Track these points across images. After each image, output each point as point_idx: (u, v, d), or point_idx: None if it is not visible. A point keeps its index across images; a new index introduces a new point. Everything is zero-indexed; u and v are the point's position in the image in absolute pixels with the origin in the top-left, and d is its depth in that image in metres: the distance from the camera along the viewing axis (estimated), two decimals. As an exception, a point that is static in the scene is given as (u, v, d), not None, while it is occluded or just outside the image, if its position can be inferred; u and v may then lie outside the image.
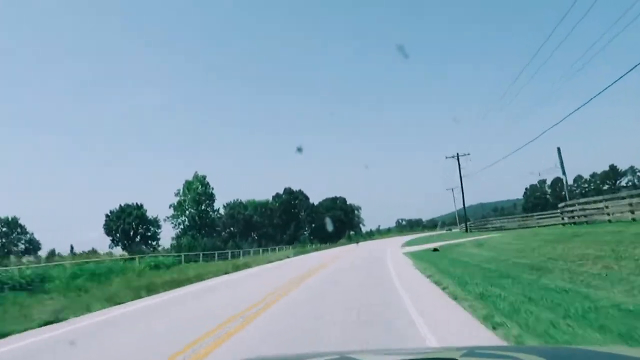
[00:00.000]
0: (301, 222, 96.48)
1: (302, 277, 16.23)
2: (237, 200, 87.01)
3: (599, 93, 20.99)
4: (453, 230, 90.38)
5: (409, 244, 40.09)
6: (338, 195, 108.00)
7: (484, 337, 5.37)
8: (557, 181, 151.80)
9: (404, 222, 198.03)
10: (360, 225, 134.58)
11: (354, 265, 21.49)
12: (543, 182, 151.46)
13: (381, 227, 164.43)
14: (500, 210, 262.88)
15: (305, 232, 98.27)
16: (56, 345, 7.74)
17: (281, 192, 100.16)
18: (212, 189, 74.21)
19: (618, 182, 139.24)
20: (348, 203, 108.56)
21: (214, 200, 74.88)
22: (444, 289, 9.81)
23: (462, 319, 6.58)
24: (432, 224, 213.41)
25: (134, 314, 10.85)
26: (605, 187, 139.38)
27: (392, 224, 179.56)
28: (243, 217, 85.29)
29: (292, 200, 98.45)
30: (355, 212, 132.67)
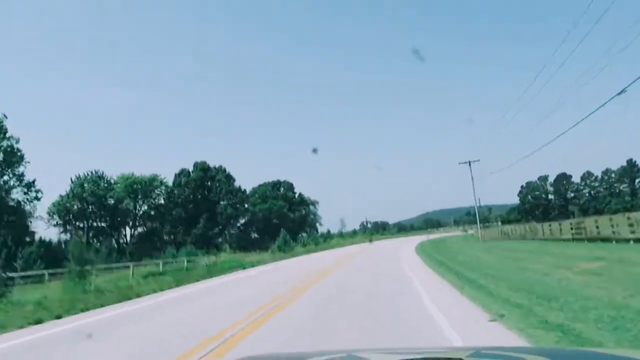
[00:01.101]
0: (218, 216, 60.48)
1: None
2: (97, 173, 49.47)
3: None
4: (469, 233, 58.60)
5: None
6: (282, 179, 72.71)
7: None
8: (561, 178, 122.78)
9: (369, 225, 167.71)
10: (317, 224, 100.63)
11: None
12: (544, 178, 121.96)
13: (344, 230, 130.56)
14: (472, 215, 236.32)
15: (225, 233, 62.22)
16: None
17: (190, 167, 63.83)
18: (17, 141, 37.08)
19: (638, 180, 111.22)
20: (297, 192, 73.39)
21: (16, 161, 37.50)
22: None
23: None
24: (400, 228, 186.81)
25: None
26: (623, 186, 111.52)
27: (356, 227, 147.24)
28: (100, 201, 48.20)
29: (206, 182, 62.32)
30: (311, 207, 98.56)
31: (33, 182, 39.43)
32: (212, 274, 22.62)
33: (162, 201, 57.75)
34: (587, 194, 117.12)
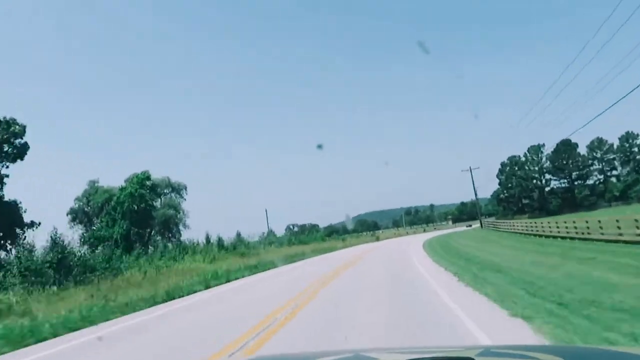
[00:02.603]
0: None
1: None
2: None
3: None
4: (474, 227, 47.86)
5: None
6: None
7: None
8: (563, 149, 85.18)
9: (295, 229, 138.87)
10: (181, 227, 55.15)
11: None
12: (537, 149, 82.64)
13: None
14: (412, 215, 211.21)
15: None
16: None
17: None
18: None
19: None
20: (17, 126, 24.62)
21: None
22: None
23: None
24: (331, 230, 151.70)
25: None
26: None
27: (280, 231, 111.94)
28: None
29: None
30: (162, 195, 53.36)
31: None
32: None
33: None
34: (597, 172, 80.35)
